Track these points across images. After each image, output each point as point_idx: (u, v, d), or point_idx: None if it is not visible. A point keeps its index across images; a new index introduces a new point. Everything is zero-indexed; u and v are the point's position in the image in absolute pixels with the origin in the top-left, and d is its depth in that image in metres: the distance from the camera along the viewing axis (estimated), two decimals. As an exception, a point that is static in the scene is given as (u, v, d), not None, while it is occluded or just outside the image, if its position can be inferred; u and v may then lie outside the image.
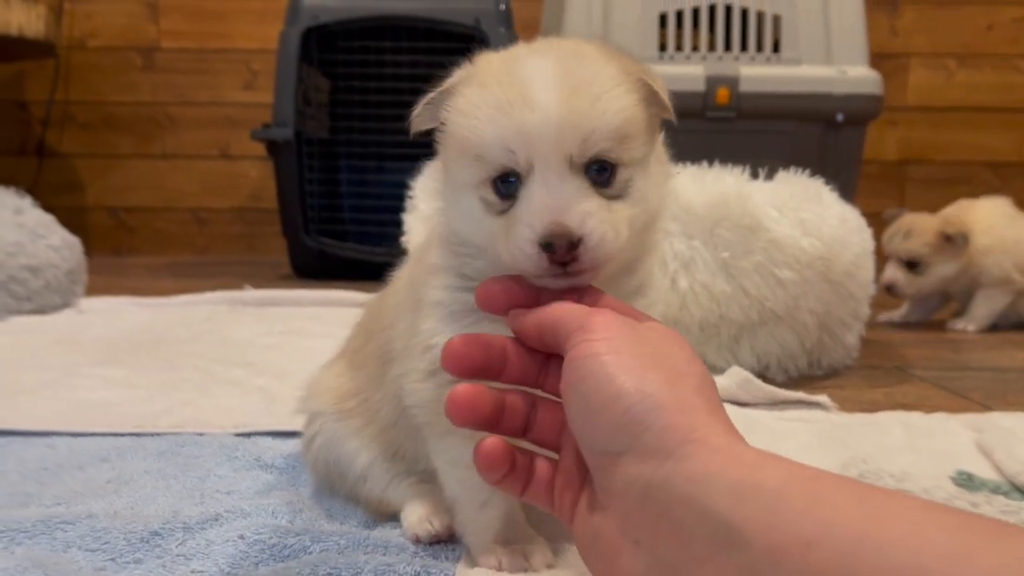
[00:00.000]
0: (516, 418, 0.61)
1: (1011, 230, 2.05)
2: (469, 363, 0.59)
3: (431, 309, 0.68)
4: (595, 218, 0.58)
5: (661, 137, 0.68)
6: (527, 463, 0.60)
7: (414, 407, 0.69)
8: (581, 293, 0.60)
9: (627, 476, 0.49)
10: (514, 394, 0.61)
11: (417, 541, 0.74)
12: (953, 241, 1.97)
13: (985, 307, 2.01)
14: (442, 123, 0.65)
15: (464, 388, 0.58)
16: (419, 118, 0.66)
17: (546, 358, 0.61)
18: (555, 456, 0.61)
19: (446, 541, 0.75)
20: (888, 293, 2.01)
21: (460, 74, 0.65)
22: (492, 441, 0.58)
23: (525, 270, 0.59)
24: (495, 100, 0.59)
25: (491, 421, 0.59)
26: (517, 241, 0.58)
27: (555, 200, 0.58)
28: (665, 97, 0.64)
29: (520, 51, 0.64)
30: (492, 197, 0.61)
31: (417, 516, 0.76)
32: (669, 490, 0.47)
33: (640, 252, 0.68)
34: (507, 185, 0.60)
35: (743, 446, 0.49)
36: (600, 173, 0.60)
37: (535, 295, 0.60)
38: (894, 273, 2.01)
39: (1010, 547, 0.38)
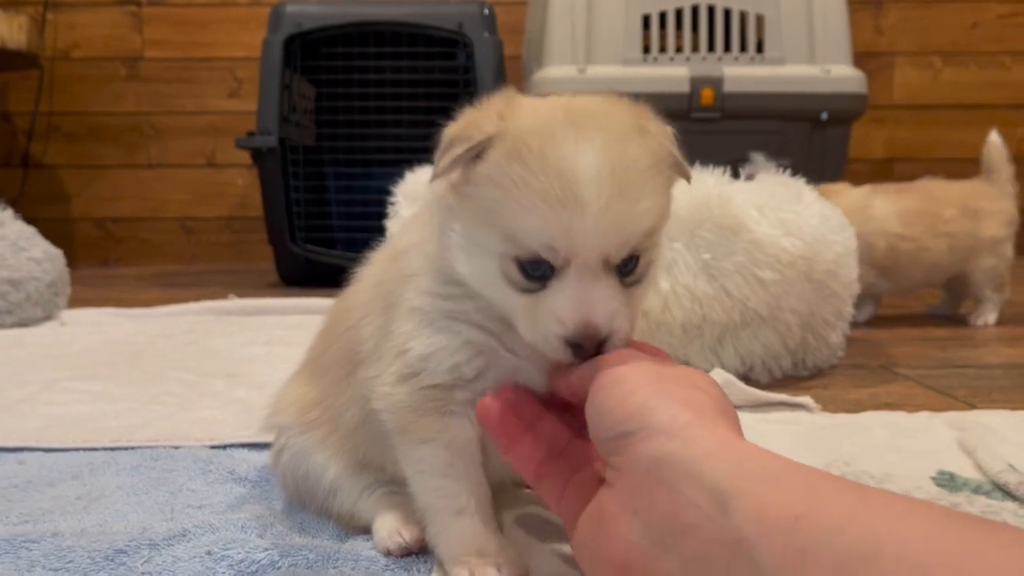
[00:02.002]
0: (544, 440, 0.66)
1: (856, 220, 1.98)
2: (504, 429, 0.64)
3: (408, 314, 0.67)
4: (621, 315, 0.59)
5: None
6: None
7: (384, 412, 0.68)
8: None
9: (636, 453, 0.52)
10: (548, 420, 0.66)
11: (388, 554, 0.73)
12: None
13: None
14: (464, 180, 0.61)
15: (496, 403, 0.64)
16: (443, 171, 0.62)
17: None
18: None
19: (418, 553, 0.73)
20: None
21: (489, 128, 0.60)
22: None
23: (544, 353, 0.61)
24: (540, 188, 0.57)
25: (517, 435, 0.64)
26: (545, 331, 0.59)
27: (588, 300, 0.58)
28: (686, 166, 0.64)
29: (560, 120, 0.60)
30: (517, 276, 0.60)
31: (387, 529, 0.74)
32: (672, 463, 0.49)
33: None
34: (536, 267, 0.59)
35: (745, 441, 0.52)
36: (626, 265, 0.61)
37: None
38: None
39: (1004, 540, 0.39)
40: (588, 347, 0.59)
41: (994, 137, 2.10)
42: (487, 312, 0.65)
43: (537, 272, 0.59)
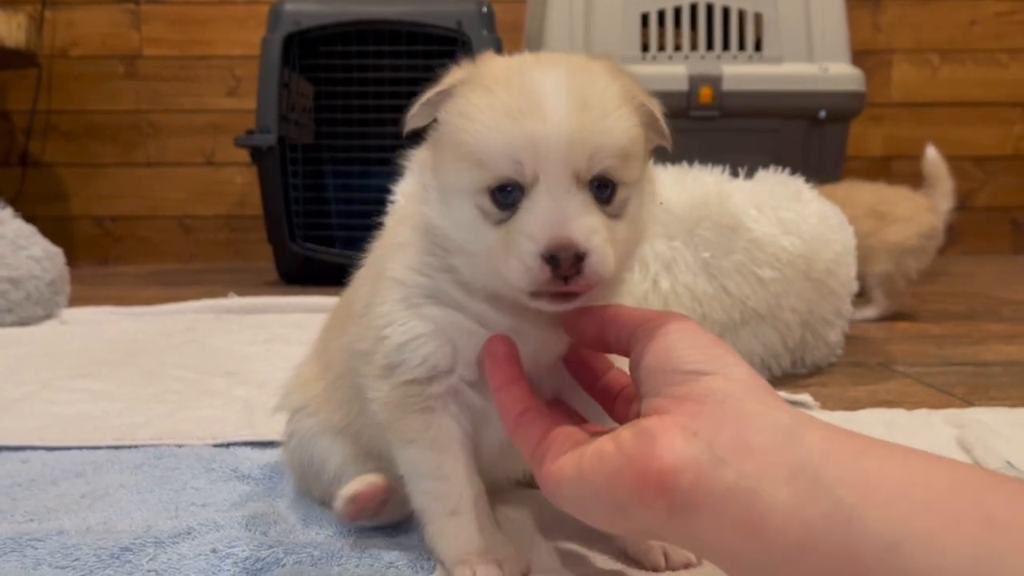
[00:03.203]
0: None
1: None
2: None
3: (389, 286, 0.68)
4: (599, 235, 0.58)
5: (651, 162, 0.68)
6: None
7: (375, 404, 0.69)
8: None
9: (710, 387, 0.54)
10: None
11: (346, 511, 0.75)
12: None
13: None
14: (437, 123, 0.64)
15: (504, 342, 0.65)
16: (415, 117, 0.64)
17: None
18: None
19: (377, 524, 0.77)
20: None
21: (460, 74, 0.63)
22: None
23: (521, 285, 0.59)
24: (503, 106, 0.58)
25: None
26: (518, 253, 0.57)
27: (561, 213, 0.57)
28: (664, 124, 0.64)
29: (528, 60, 0.63)
30: (489, 206, 0.60)
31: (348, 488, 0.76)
32: (745, 402, 0.53)
33: (623, 273, 0.69)
34: (506, 195, 0.59)
35: None
36: (601, 190, 0.60)
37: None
38: None
39: None
40: (565, 261, 0.56)
41: (930, 152, 2.13)
42: (467, 287, 0.65)
43: (508, 200, 0.59)
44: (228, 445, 1.05)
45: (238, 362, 1.56)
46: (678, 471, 0.50)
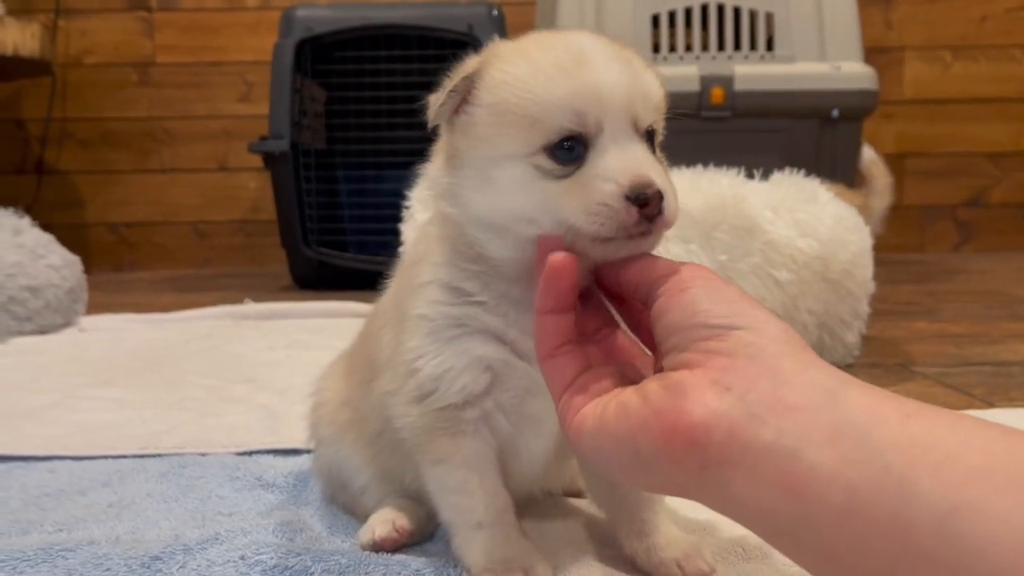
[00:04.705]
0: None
1: None
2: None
3: (415, 323, 0.67)
4: (668, 180, 0.60)
5: None
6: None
7: (403, 431, 0.69)
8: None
9: (741, 341, 0.52)
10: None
11: (373, 544, 0.75)
12: None
13: None
14: (468, 104, 0.63)
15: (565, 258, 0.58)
16: (444, 107, 0.63)
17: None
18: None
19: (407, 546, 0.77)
20: None
21: (480, 58, 0.64)
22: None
23: (602, 231, 0.57)
24: (555, 64, 0.59)
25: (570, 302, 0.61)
26: (600, 197, 0.57)
27: (636, 156, 0.59)
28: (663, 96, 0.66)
29: (544, 33, 0.64)
30: (549, 163, 0.59)
31: (378, 518, 0.77)
32: (781, 357, 0.50)
33: None
34: (569, 149, 0.59)
35: None
36: (649, 141, 0.62)
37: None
38: None
39: None
40: (652, 200, 0.57)
41: (866, 152, 2.15)
42: (499, 307, 0.65)
43: (571, 154, 0.59)
44: (251, 453, 1.06)
45: (258, 368, 1.57)
46: (710, 426, 0.49)
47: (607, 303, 0.65)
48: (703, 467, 0.49)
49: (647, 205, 0.57)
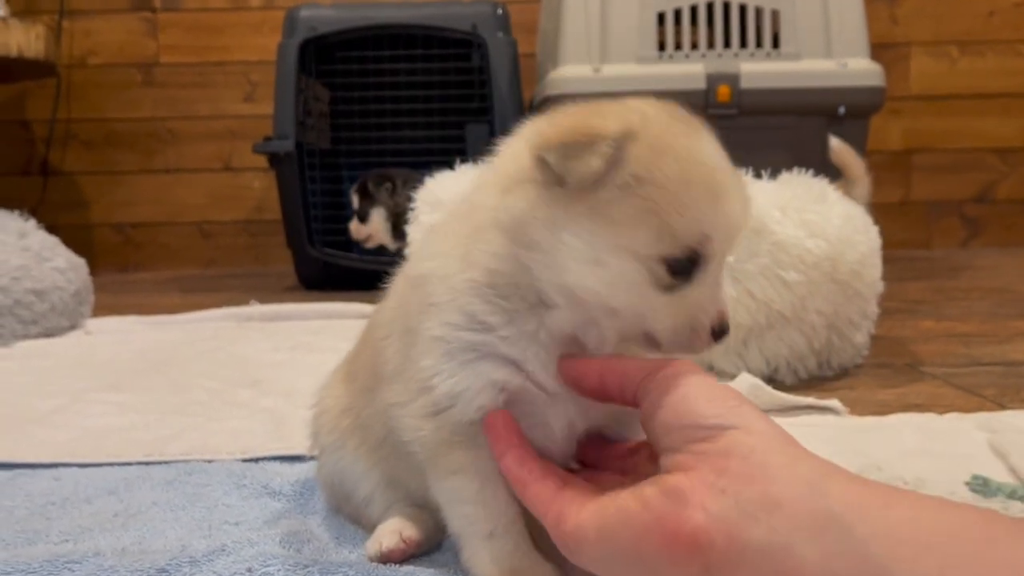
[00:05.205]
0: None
1: None
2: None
3: (429, 343, 0.66)
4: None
5: None
6: None
7: (414, 444, 0.69)
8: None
9: (733, 441, 0.54)
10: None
11: (381, 555, 0.74)
12: None
13: None
14: (606, 174, 0.58)
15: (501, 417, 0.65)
16: (594, 175, 0.58)
17: None
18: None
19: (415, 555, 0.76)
20: None
21: (621, 122, 0.59)
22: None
23: (677, 348, 0.62)
24: (699, 182, 0.59)
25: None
26: (695, 323, 0.61)
27: (724, 290, 0.63)
28: None
29: (674, 120, 0.62)
30: (663, 273, 0.60)
31: (386, 528, 0.76)
32: (770, 455, 0.53)
33: None
34: (684, 270, 0.60)
35: None
36: None
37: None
38: None
39: None
40: (723, 334, 0.62)
41: (832, 141, 2.16)
42: (519, 343, 0.64)
43: (685, 274, 0.61)
44: (258, 460, 1.06)
45: (263, 370, 1.56)
46: (711, 531, 0.51)
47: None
48: (707, 569, 0.51)
49: (719, 337, 0.62)
